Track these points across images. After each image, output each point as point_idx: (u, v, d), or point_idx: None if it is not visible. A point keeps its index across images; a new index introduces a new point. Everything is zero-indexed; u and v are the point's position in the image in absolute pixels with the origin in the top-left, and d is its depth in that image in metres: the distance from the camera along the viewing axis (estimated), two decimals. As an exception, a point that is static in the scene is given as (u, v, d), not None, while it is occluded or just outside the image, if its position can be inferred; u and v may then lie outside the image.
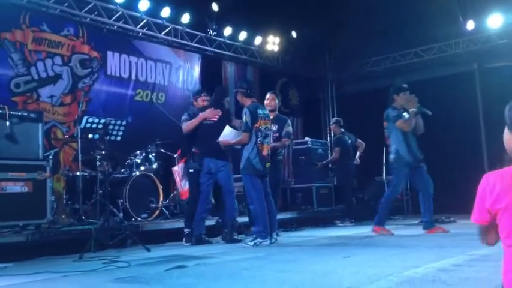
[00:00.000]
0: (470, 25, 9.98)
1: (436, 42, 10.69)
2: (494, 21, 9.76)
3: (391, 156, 6.29)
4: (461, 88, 10.26)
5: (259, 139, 5.51)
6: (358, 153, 8.98)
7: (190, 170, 6.08)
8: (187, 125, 6.02)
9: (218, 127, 5.71)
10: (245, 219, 6.52)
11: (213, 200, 6.07)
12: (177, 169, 6.50)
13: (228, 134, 5.61)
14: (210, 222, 6.65)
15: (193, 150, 6.09)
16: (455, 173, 9.41)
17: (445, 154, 9.91)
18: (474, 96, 10.38)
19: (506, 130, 1.62)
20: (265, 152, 5.56)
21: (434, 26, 9.91)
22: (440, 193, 9.17)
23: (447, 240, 5.15)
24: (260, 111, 5.62)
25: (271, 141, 5.95)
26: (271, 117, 6.01)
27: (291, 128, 6.50)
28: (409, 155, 6.17)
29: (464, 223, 6.93)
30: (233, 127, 5.70)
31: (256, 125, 5.51)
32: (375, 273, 3.24)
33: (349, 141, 8.95)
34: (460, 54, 10.53)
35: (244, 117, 5.50)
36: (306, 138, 9.99)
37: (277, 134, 6.28)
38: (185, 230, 6.03)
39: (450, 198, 8.25)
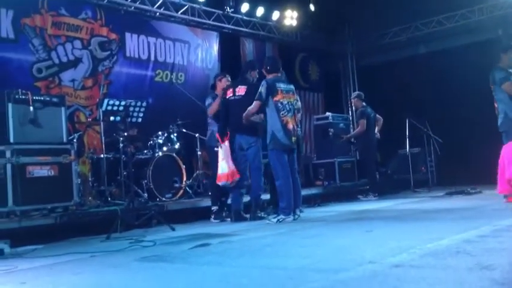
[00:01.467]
0: (493, -10, 9.67)
1: (459, 9, 10.40)
2: (520, -16, 9.43)
3: (499, 120, 5.76)
4: (487, 55, 9.94)
5: (282, 113, 5.48)
6: (377, 128, 8.85)
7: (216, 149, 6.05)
8: (211, 109, 6.12)
9: (245, 102, 5.69)
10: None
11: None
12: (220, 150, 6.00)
13: None
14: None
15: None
16: (481, 143, 9.22)
17: (469, 124, 9.72)
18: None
19: None
20: (290, 126, 5.51)
21: (456, -8, 9.65)
22: (466, 164, 9.10)
23: (472, 212, 5.09)
24: (281, 85, 5.57)
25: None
26: None
27: None
28: None
29: (490, 194, 6.82)
30: None
31: (275, 98, 5.47)
32: (397, 246, 3.23)
33: (372, 114, 8.84)
34: (484, 20, 10.23)
35: (260, 88, 5.50)
36: (327, 113, 9.91)
37: None
38: (213, 207, 6.10)
39: (476, 170, 8.13)
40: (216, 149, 5.93)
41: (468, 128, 9.73)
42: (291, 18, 10.70)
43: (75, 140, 6.14)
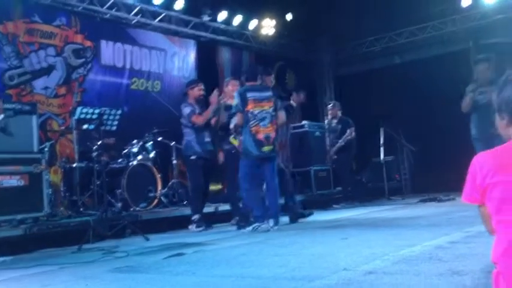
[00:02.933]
0: (465, 1, 9.89)
1: (432, 20, 10.60)
2: (490, -4, 9.68)
3: None
4: (457, 66, 10.18)
5: (251, 123, 5.47)
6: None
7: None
8: (202, 117, 6.01)
9: None
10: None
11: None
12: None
13: None
14: (209, 209, 6.69)
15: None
16: (453, 152, 9.38)
17: (442, 132, 9.91)
18: (470, 74, 10.30)
19: (496, 116, 1.60)
20: (260, 136, 5.47)
21: (429, 4, 9.84)
22: (438, 172, 9.25)
23: (444, 219, 5.17)
24: (250, 94, 5.54)
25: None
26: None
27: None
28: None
29: (462, 201, 6.94)
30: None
31: (246, 108, 5.47)
32: (371, 253, 3.25)
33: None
34: (455, 31, 10.46)
35: (235, 100, 5.52)
36: (304, 122, 9.95)
37: None
38: (194, 216, 6.01)
39: (448, 177, 8.25)
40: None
41: (441, 137, 9.90)
42: (268, 27, 10.76)
43: (46, 149, 6.03)
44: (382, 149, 9.12)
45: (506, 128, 1.58)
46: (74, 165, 6.47)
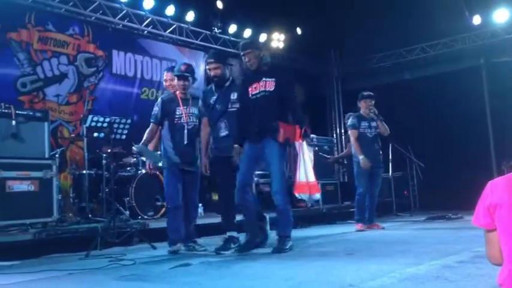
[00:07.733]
0: (476, 20, 9.92)
1: (442, 38, 10.63)
2: (500, 16, 9.70)
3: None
4: (468, 83, 10.20)
5: None
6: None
7: None
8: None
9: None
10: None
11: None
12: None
13: None
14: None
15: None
16: (462, 169, 9.36)
17: (452, 150, 9.88)
18: (481, 92, 10.32)
19: None
20: None
21: (440, 21, 9.85)
22: (447, 189, 9.20)
23: (453, 237, 5.14)
24: None
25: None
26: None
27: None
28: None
29: (470, 219, 6.88)
30: None
31: None
32: (377, 269, 3.24)
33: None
34: (466, 49, 10.47)
35: None
36: (312, 136, 9.95)
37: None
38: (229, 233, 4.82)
39: (458, 195, 8.22)
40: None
41: (450, 153, 9.88)
42: (278, 40, 10.83)
43: (57, 155, 6.07)
44: (390, 164, 9.10)
45: None
46: (84, 172, 6.52)
